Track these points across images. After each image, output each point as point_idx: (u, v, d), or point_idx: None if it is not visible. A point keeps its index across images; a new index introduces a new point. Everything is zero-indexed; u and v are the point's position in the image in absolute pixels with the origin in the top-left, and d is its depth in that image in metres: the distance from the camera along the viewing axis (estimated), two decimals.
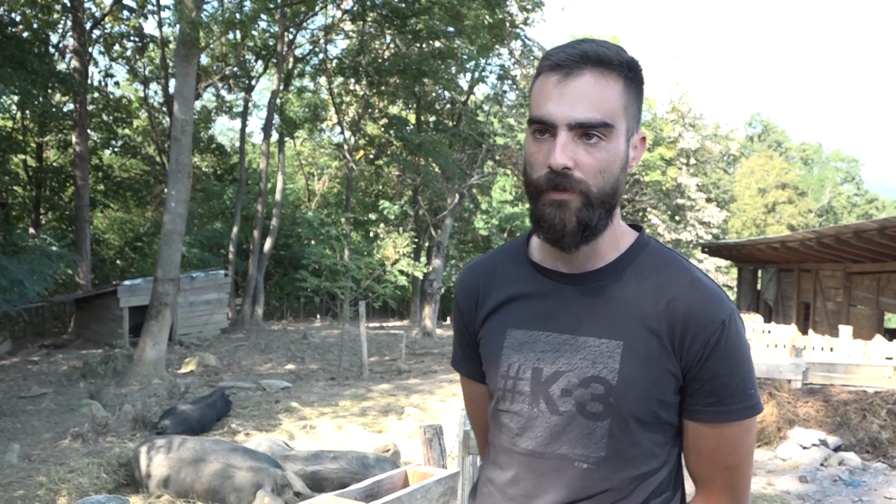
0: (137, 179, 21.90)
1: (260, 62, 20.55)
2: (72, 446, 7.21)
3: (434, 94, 21.36)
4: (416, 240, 20.78)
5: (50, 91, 16.56)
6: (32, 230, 18.25)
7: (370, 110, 20.91)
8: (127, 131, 21.57)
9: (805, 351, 8.38)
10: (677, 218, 28.24)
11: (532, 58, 19.33)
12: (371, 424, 8.24)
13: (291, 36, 19.02)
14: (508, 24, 16.60)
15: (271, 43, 19.13)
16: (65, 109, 18.38)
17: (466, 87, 21.04)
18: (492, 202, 23.17)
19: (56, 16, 17.37)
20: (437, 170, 19.40)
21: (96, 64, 18.64)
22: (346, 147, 21.10)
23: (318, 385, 11.17)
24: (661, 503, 1.17)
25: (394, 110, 22.15)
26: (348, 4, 18.57)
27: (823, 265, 15.00)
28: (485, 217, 23.13)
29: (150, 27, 52.63)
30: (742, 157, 44.15)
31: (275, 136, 20.03)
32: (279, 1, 14.86)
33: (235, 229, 19.19)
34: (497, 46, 17.69)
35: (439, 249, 19.43)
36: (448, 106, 21.88)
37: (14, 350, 13.85)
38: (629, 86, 1.11)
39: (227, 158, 24.03)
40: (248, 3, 15.09)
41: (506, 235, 22.97)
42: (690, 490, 1.23)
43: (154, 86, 21.39)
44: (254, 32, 17.84)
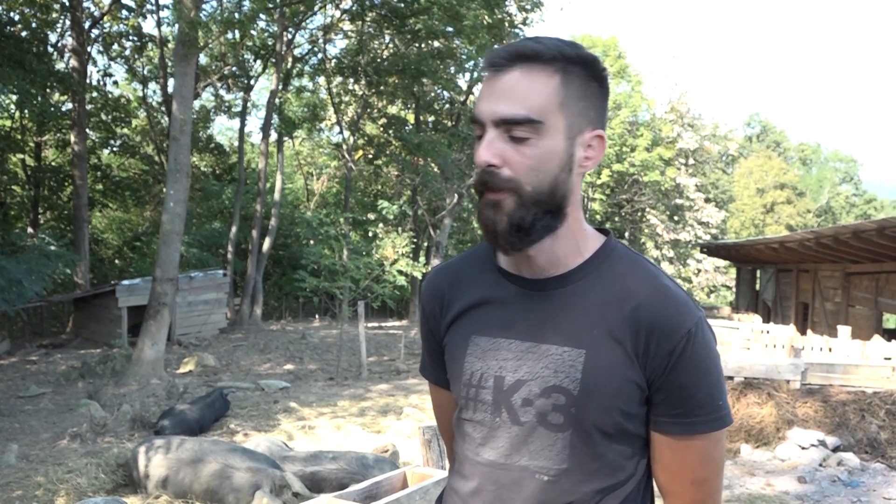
0: (136, 179, 21.87)
1: (259, 62, 20.54)
2: (70, 446, 7.18)
3: (433, 94, 21.37)
4: (415, 240, 20.78)
5: (48, 90, 16.57)
6: (31, 230, 18.23)
7: (369, 110, 20.89)
8: (125, 131, 21.56)
9: (804, 351, 8.39)
10: (676, 218, 28.28)
11: None
12: (370, 425, 8.23)
13: (290, 35, 19.00)
14: (507, 24, 16.58)
15: (270, 42, 19.11)
16: (63, 109, 18.38)
17: (465, 87, 21.04)
18: None
19: (55, 15, 17.38)
20: (436, 170, 19.41)
21: (95, 63, 18.66)
22: (345, 147, 21.08)
23: (317, 385, 11.16)
24: None
25: (393, 110, 22.14)
26: (347, 4, 18.57)
27: (822, 265, 15.00)
28: None
29: (149, 26, 52.17)
30: (741, 158, 44.24)
31: (273, 136, 20.00)
32: (278, 0, 14.85)
33: (234, 229, 19.16)
34: (496, 46, 17.67)
35: (438, 249, 19.44)
36: (447, 106, 21.90)
37: (12, 350, 13.82)
38: (570, 81, 1.05)
39: (226, 158, 24.01)
40: (247, 3, 15.09)
41: None
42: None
43: (153, 85, 21.39)
44: (253, 32, 17.82)
